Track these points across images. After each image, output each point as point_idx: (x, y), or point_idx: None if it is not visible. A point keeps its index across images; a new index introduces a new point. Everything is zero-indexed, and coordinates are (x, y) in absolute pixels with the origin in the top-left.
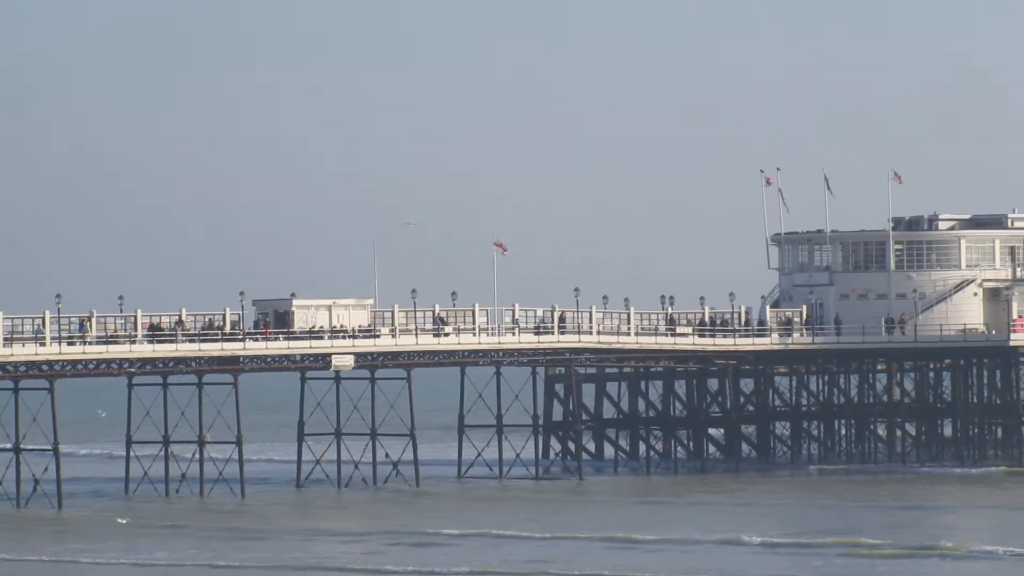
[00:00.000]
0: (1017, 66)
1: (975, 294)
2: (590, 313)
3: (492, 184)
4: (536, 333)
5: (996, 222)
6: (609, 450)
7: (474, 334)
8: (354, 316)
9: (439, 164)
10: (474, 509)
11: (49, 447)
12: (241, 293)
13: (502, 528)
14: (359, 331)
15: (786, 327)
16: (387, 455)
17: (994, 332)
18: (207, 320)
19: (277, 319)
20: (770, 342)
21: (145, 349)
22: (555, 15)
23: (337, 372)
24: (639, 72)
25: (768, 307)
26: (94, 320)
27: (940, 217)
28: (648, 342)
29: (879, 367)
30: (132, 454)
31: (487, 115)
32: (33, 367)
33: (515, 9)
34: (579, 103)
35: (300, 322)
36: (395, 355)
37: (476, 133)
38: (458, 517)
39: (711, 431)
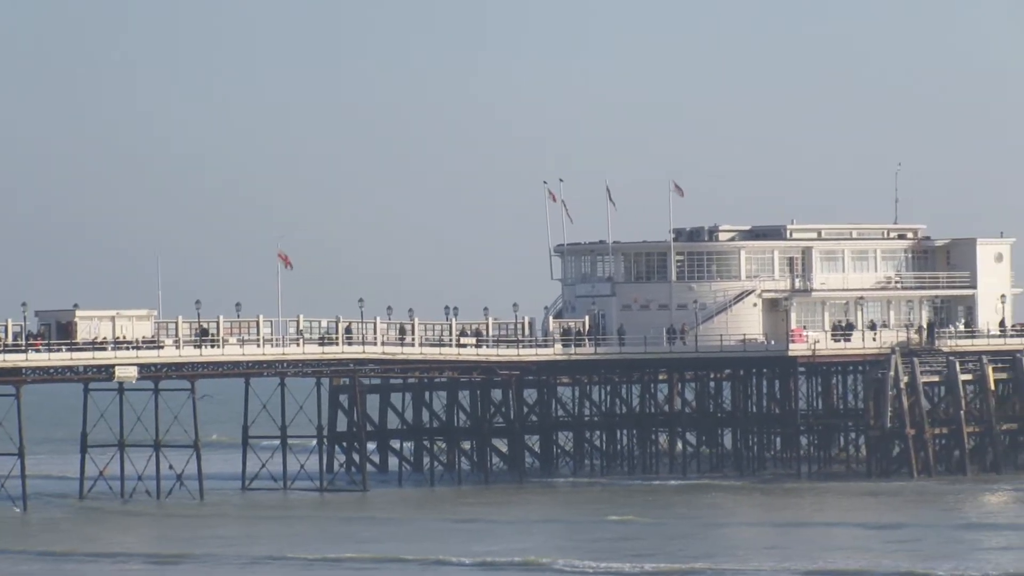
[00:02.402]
0: (788, 83)
1: (755, 304)
2: (374, 324)
3: (277, 194)
4: (321, 344)
5: (775, 233)
6: (394, 461)
7: (258, 345)
8: (138, 327)
9: (224, 173)
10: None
11: None
12: (23, 304)
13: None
14: (143, 342)
15: (568, 337)
16: (171, 467)
17: (773, 342)
18: None
19: (60, 330)
20: (553, 353)
21: None
22: (344, 31)
23: (120, 384)
24: (424, 81)
25: (551, 318)
26: None
27: (720, 228)
28: (432, 353)
29: (661, 377)
30: None
31: (273, 125)
32: None
33: (305, 23)
34: (366, 110)
35: (83, 333)
36: (179, 366)
37: (262, 142)
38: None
39: (495, 441)
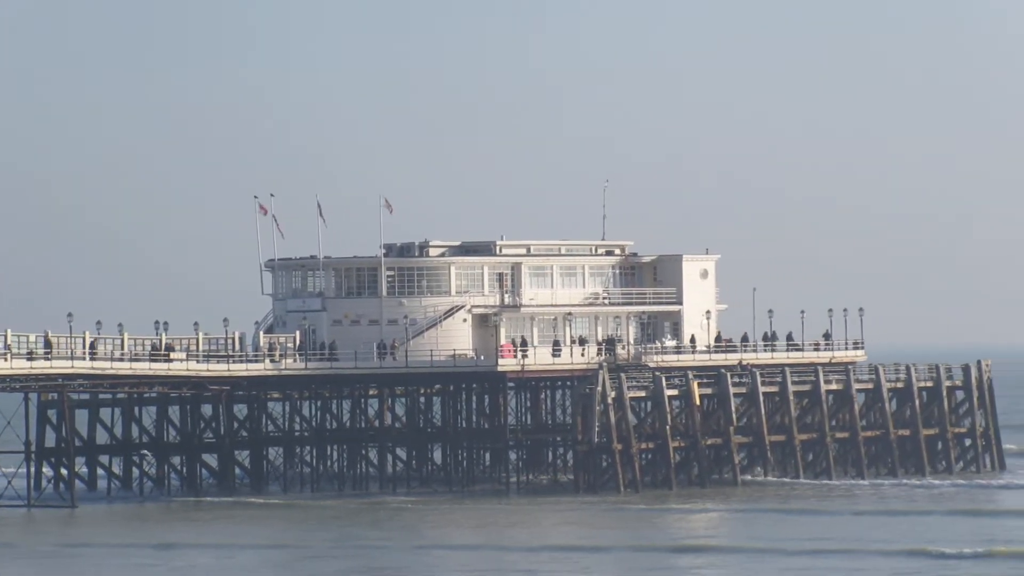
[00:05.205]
0: (498, 99)
1: (465, 320)
2: (83, 338)
3: None
4: (28, 359)
5: (485, 249)
6: (104, 479)
7: None
8: None
9: None
10: None
11: None
12: None
13: None
14: None
15: (273, 353)
16: None
17: (483, 357)
18: None
19: None
20: (263, 368)
21: None
22: (54, 36)
23: None
24: (129, 91)
25: (262, 333)
26: None
27: (431, 244)
28: (142, 368)
29: (371, 392)
30: None
31: (26, 130)
32: None
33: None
34: (79, 121)
35: None
36: None
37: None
38: None
39: (205, 457)
